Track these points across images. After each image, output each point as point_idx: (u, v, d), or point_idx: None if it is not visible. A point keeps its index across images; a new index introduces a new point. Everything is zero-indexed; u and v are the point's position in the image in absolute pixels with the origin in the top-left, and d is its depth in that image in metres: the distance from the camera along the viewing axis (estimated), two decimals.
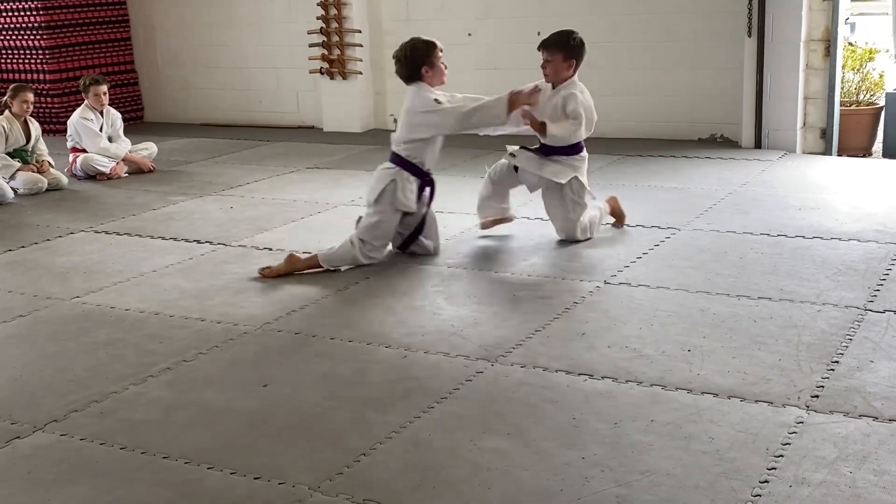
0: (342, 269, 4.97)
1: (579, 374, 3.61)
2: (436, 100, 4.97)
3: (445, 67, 5.09)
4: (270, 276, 4.91)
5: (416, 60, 5.00)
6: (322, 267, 4.95)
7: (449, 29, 8.96)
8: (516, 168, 5.40)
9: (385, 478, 2.96)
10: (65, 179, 7.37)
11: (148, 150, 7.97)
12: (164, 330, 4.28)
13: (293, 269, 4.94)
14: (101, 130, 7.63)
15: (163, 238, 5.79)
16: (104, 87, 7.65)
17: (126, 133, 7.95)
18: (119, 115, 7.89)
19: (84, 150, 7.60)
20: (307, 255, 5.01)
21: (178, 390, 3.65)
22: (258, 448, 3.18)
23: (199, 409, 3.48)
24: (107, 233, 5.99)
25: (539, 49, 5.37)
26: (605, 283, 4.61)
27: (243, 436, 3.27)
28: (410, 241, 5.15)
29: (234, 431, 3.30)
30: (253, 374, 3.76)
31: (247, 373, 3.79)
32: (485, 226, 5.52)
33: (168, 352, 4.02)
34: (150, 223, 6.16)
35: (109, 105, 7.77)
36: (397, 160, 5.02)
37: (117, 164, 7.66)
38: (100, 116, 7.66)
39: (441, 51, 5.06)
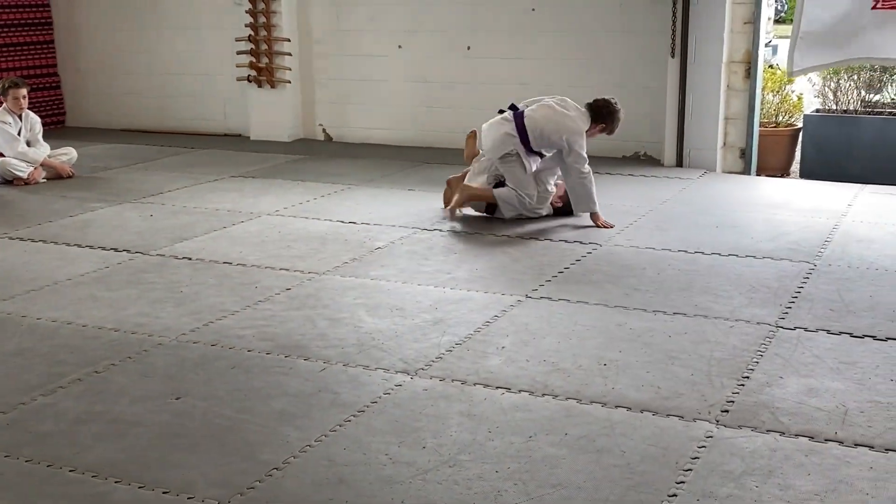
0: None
1: (497, 388, 3.62)
2: None
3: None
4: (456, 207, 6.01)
5: None
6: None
7: (379, 40, 8.97)
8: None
9: (297, 492, 2.93)
10: None
11: (67, 155, 7.80)
12: (77, 340, 4.18)
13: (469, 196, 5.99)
14: (19, 134, 7.45)
15: (79, 246, 5.67)
16: (24, 91, 7.47)
17: (46, 138, 7.78)
18: (39, 120, 7.71)
19: (1, 155, 7.41)
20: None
21: (87, 402, 3.57)
22: (168, 461, 3.12)
23: (108, 422, 3.41)
24: (21, 239, 5.83)
25: None
26: (527, 296, 4.65)
27: (153, 449, 3.21)
28: None
29: (144, 444, 3.24)
30: (166, 386, 3.70)
31: (160, 385, 3.72)
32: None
33: (79, 362, 3.93)
34: (67, 230, 6.03)
35: (29, 109, 7.59)
36: None
37: (35, 169, 7.48)
38: (18, 120, 7.47)
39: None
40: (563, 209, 6.11)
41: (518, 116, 5.97)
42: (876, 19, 6.74)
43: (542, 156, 6.01)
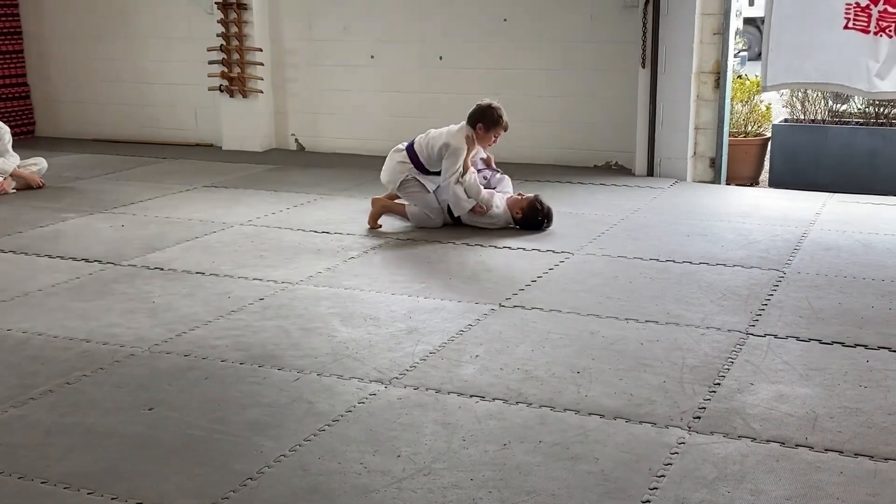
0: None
1: (471, 396, 3.63)
2: None
3: None
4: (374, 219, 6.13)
5: None
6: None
7: (351, 50, 8.99)
8: None
9: (272, 502, 2.92)
10: None
11: (37, 165, 7.74)
12: (48, 351, 4.15)
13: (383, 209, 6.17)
14: None
15: (49, 256, 5.62)
16: None
17: (16, 148, 7.69)
18: (8, 129, 7.63)
19: None
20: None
21: (59, 413, 3.54)
22: (141, 472, 3.10)
23: (80, 433, 3.38)
24: None
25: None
26: (500, 305, 4.67)
27: (126, 460, 3.19)
28: None
29: (117, 456, 3.22)
30: (138, 397, 3.67)
31: (132, 396, 3.70)
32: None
33: (50, 374, 3.90)
34: (38, 241, 5.98)
35: None
36: None
37: (4, 179, 7.41)
38: None
39: None
40: (524, 222, 6.09)
41: (409, 146, 6.22)
42: (845, 42, 6.81)
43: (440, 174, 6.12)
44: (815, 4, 6.89)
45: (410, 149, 6.20)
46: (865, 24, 6.75)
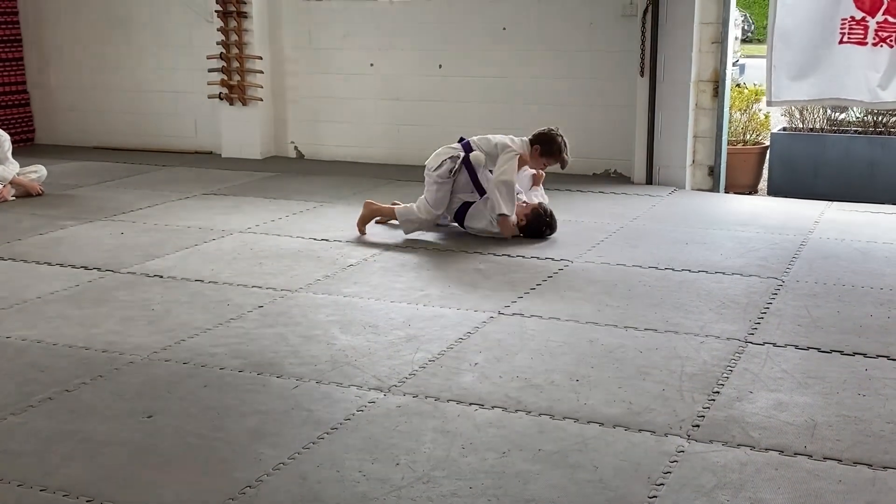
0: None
1: (470, 404, 3.64)
2: None
3: None
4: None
5: None
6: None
7: (352, 58, 9.01)
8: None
9: None
10: None
11: (37, 172, 7.74)
12: (47, 358, 4.15)
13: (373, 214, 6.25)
14: None
15: (49, 264, 5.63)
16: None
17: (16, 155, 7.69)
18: (8, 137, 7.63)
19: None
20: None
21: (58, 420, 3.54)
22: (140, 480, 3.10)
23: (79, 440, 3.38)
24: None
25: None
26: (500, 313, 4.67)
27: (125, 467, 3.19)
28: None
29: (116, 463, 3.22)
30: (138, 405, 3.67)
31: (131, 403, 3.69)
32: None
33: (50, 381, 3.90)
34: (37, 248, 5.98)
35: None
36: None
37: (4, 186, 7.42)
38: None
39: None
40: (528, 230, 6.10)
41: (464, 140, 6.24)
42: (843, 57, 6.85)
43: (474, 177, 6.13)
44: (812, 21, 6.95)
45: (465, 142, 6.20)
46: (862, 37, 6.79)
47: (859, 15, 6.77)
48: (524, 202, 6.23)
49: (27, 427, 3.50)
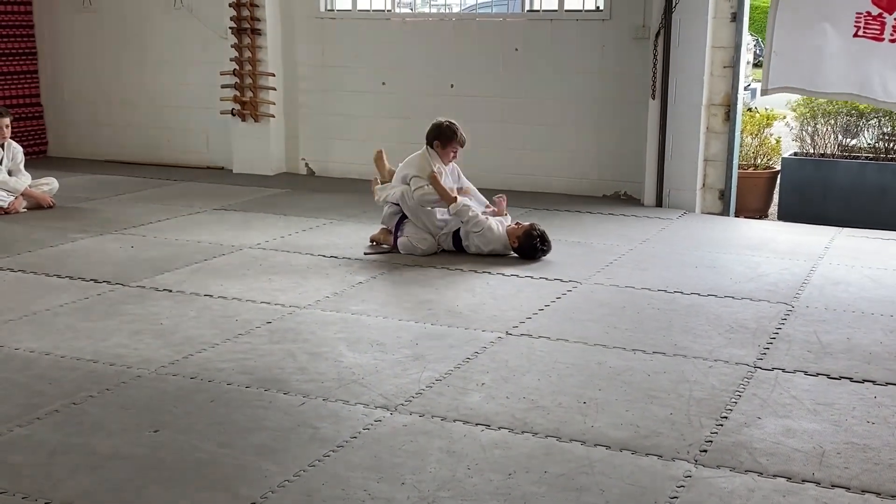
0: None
1: (476, 425, 3.62)
2: None
3: None
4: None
5: None
6: None
7: (363, 77, 9.04)
8: None
9: None
10: None
11: (49, 185, 7.78)
12: (54, 371, 4.15)
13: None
14: (0, 164, 7.43)
15: (59, 276, 5.64)
16: (6, 120, 7.47)
17: (28, 167, 7.75)
18: (21, 149, 7.69)
19: None
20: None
21: (64, 433, 3.54)
22: (145, 494, 3.10)
23: (85, 454, 3.38)
24: (0, 269, 5.80)
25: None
26: (508, 333, 4.66)
27: (131, 482, 3.18)
28: None
29: (121, 477, 3.21)
30: (144, 419, 3.67)
31: (138, 417, 3.69)
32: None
33: (57, 394, 3.90)
34: (47, 260, 6.00)
35: (11, 138, 7.58)
36: None
37: (16, 198, 7.46)
38: (0, 149, 7.46)
39: None
40: (521, 250, 6.08)
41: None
42: (857, 51, 6.58)
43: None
44: (821, 10, 6.65)
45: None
46: (878, 32, 6.57)
47: (876, 10, 6.57)
48: (517, 223, 6.20)
49: (33, 439, 3.50)
